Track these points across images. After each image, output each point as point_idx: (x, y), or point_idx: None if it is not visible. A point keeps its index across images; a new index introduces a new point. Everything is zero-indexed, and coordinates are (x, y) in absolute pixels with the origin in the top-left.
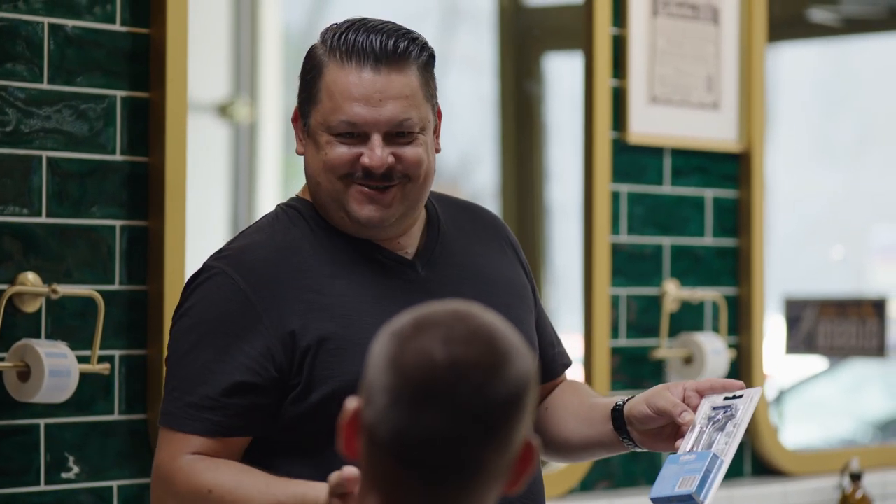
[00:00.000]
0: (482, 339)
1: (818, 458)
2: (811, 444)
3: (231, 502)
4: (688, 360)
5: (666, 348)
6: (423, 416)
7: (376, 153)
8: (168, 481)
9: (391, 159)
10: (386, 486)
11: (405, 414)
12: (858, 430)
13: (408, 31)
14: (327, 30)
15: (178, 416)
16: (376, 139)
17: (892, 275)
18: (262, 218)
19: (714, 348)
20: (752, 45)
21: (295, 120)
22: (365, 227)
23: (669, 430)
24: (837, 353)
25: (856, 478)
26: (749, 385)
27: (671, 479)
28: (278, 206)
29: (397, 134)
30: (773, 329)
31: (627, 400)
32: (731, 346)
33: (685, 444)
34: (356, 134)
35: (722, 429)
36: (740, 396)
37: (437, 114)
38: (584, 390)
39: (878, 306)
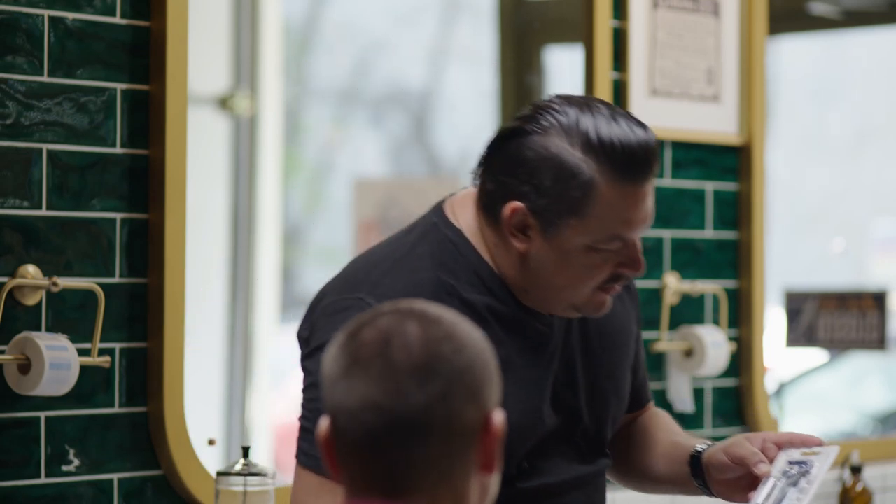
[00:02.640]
0: (411, 313)
1: None
2: None
3: None
4: (688, 353)
5: (666, 341)
6: (355, 383)
7: (641, 260)
8: None
9: None
10: (352, 478)
11: (342, 389)
12: (859, 422)
13: (637, 119)
14: (564, 125)
15: None
16: (639, 245)
17: (892, 267)
18: (418, 243)
19: (714, 341)
20: (753, 37)
21: (511, 216)
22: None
23: (746, 482)
24: (838, 345)
25: (856, 470)
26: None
27: None
28: (434, 229)
29: None
30: (773, 322)
31: (709, 447)
32: (731, 338)
33: (758, 496)
34: (618, 243)
35: (795, 484)
36: (818, 453)
37: None
38: (669, 425)
39: (879, 299)
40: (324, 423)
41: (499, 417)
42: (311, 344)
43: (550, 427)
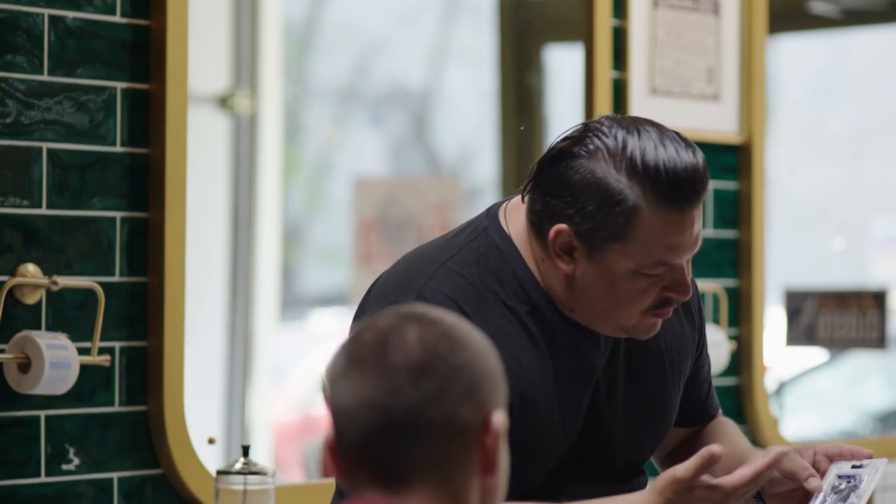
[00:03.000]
0: (411, 315)
1: None
2: (811, 436)
3: None
4: None
5: None
6: (352, 383)
7: (687, 285)
8: None
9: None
10: (355, 480)
11: (340, 389)
12: (859, 421)
13: (687, 141)
14: (611, 150)
15: None
16: (685, 270)
17: (892, 266)
18: (465, 247)
19: (714, 340)
20: (753, 36)
21: (556, 238)
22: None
23: (799, 495)
24: (838, 344)
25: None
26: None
27: None
28: (484, 233)
29: None
30: (773, 321)
31: None
32: (731, 337)
33: None
34: (663, 268)
35: (845, 499)
36: (867, 465)
37: None
38: (732, 435)
39: (879, 298)
40: (330, 433)
41: (499, 418)
42: None
43: (582, 443)
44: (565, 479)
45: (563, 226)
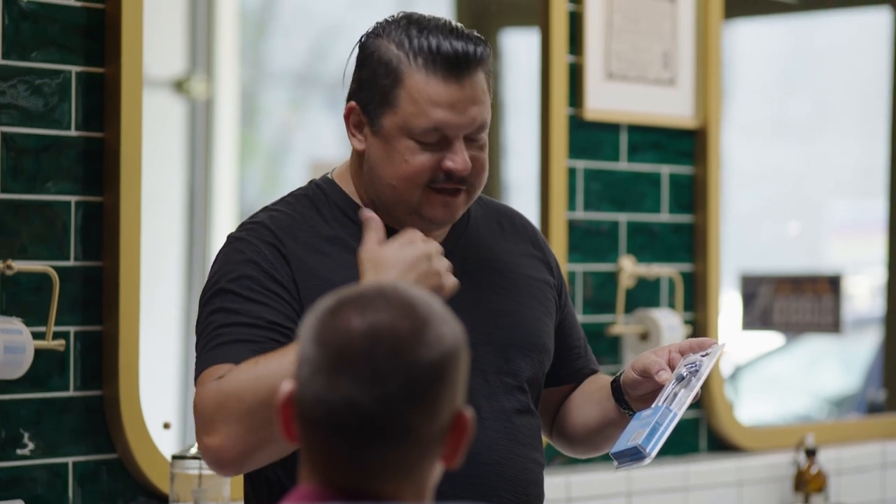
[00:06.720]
0: (400, 307)
1: (774, 434)
2: (767, 420)
3: (278, 357)
4: (644, 336)
5: (622, 324)
6: (340, 380)
7: (462, 157)
8: (216, 392)
9: (471, 164)
10: (320, 460)
11: (324, 381)
12: (814, 405)
13: (471, 32)
14: (392, 28)
15: (223, 353)
16: (460, 144)
17: (847, 251)
18: (289, 195)
19: (670, 324)
20: (709, 21)
21: (348, 116)
22: (431, 226)
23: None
24: (793, 329)
25: (811, 453)
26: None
27: (628, 433)
28: (310, 184)
29: (469, 137)
30: (729, 305)
31: (624, 371)
32: (687, 322)
33: (656, 401)
34: (436, 139)
35: (687, 385)
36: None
37: None
38: (599, 377)
39: (834, 282)
40: (286, 387)
41: (469, 413)
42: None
43: None
44: None
45: (352, 103)
